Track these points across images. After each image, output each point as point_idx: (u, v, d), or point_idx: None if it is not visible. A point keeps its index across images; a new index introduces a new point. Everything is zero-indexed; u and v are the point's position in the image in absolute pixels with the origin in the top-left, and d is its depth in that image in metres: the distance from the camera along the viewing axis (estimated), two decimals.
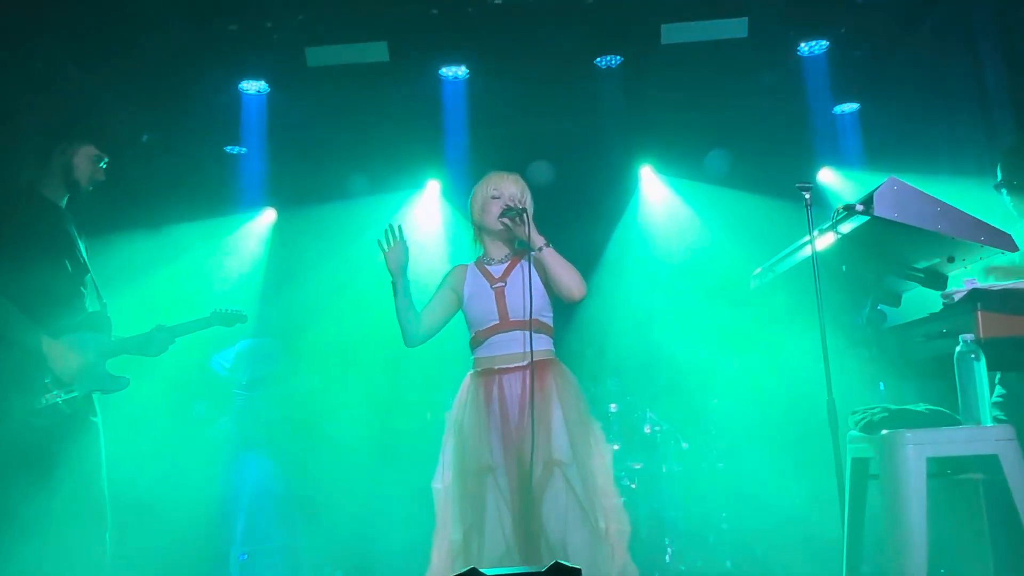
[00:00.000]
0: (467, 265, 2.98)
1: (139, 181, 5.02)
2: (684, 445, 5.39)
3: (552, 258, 2.72)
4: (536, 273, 2.79)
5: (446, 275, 3.00)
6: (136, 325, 3.40)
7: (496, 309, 2.79)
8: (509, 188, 2.87)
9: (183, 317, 3.46)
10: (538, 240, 2.75)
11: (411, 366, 5.61)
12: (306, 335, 5.80)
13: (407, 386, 5.58)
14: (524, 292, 2.74)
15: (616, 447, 5.16)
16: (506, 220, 2.76)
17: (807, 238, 3.03)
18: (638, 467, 5.16)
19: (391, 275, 2.80)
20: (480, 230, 2.97)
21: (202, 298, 4.74)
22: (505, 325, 2.78)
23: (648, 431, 5.37)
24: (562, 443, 2.61)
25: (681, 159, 6.29)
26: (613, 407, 5.33)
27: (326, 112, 5.84)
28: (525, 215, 2.73)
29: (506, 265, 2.88)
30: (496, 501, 2.58)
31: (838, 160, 6.00)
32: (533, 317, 2.74)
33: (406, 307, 2.83)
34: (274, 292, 6.20)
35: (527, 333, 2.74)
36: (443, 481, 2.70)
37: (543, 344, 2.79)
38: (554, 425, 2.64)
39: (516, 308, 2.76)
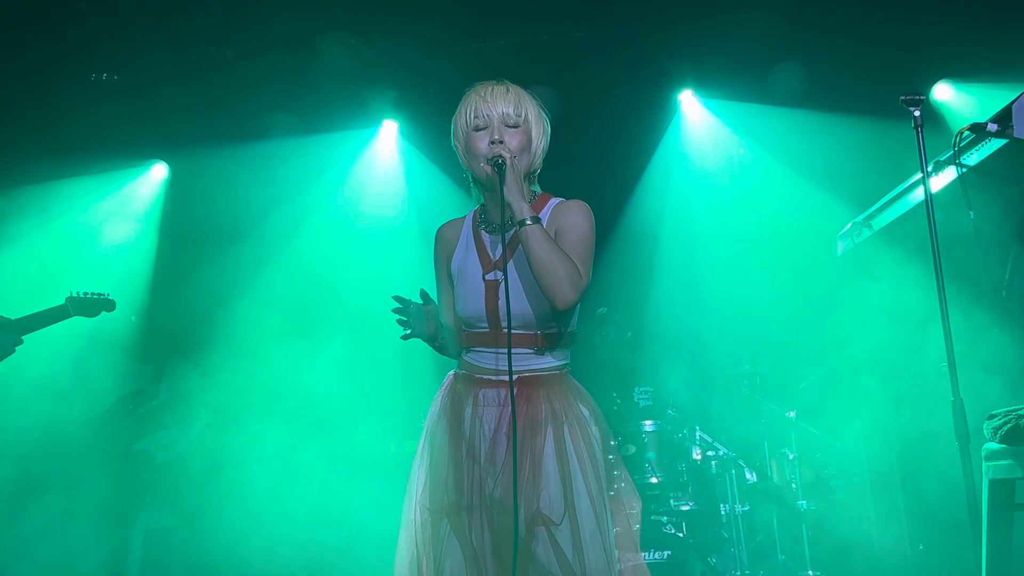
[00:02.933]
0: (461, 220, 2.89)
1: None
2: (751, 477, 5.35)
3: (537, 241, 2.55)
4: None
5: (434, 250, 2.92)
6: None
7: (485, 312, 2.71)
8: (499, 108, 2.69)
9: (31, 308, 3.47)
10: (523, 209, 2.56)
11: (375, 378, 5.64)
12: (213, 342, 5.77)
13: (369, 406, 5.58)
14: (529, 290, 2.62)
15: (655, 480, 5.14)
16: (488, 168, 2.61)
17: (918, 175, 2.98)
18: (686, 508, 5.14)
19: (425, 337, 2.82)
20: (474, 179, 2.87)
21: (61, 287, 4.71)
22: (497, 338, 2.71)
23: (698, 457, 5.32)
24: (552, 491, 2.56)
25: (733, 77, 6.23)
26: (648, 424, 5.30)
27: (237, 18, 5.65)
28: (506, 168, 2.53)
29: (508, 239, 2.76)
30: (457, 560, 2.55)
31: (959, 67, 5.88)
32: (539, 331, 2.68)
33: (444, 342, 2.88)
34: (169, 280, 6.16)
35: (529, 349, 2.69)
36: (415, 513, 2.66)
37: (548, 360, 2.74)
38: (545, 466, 2.59)
39: (515, 314, 2.68)
